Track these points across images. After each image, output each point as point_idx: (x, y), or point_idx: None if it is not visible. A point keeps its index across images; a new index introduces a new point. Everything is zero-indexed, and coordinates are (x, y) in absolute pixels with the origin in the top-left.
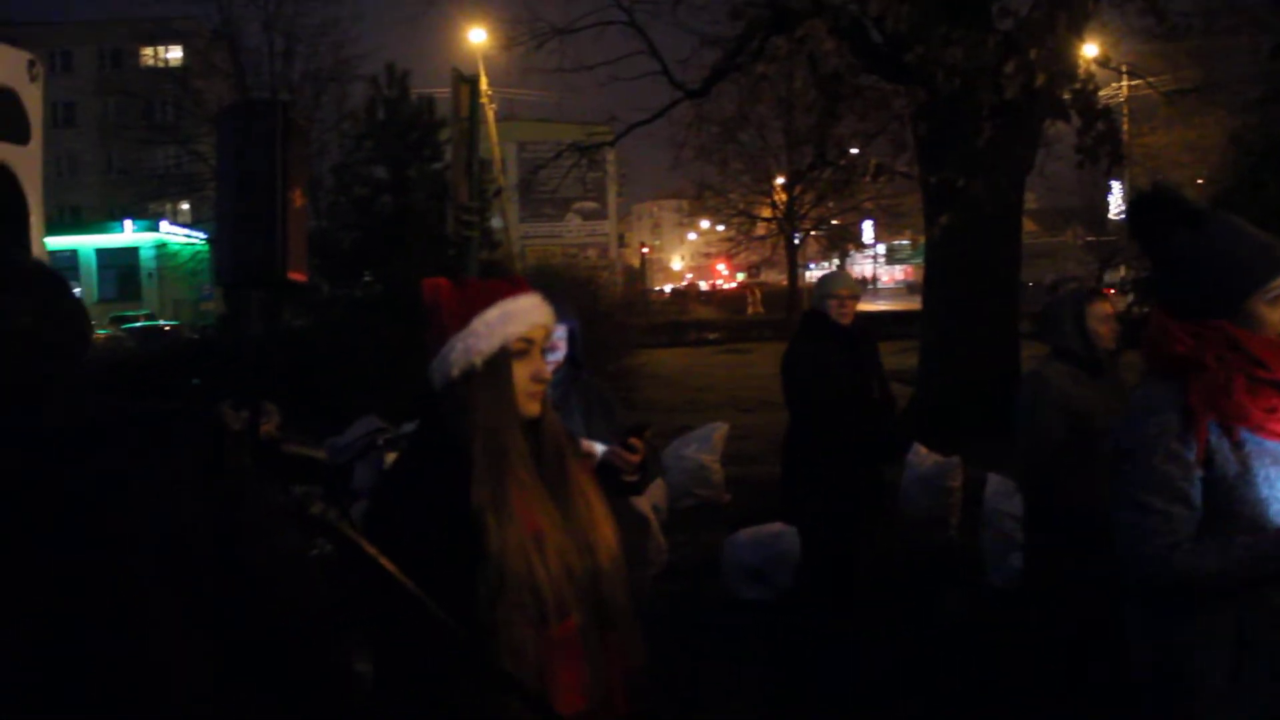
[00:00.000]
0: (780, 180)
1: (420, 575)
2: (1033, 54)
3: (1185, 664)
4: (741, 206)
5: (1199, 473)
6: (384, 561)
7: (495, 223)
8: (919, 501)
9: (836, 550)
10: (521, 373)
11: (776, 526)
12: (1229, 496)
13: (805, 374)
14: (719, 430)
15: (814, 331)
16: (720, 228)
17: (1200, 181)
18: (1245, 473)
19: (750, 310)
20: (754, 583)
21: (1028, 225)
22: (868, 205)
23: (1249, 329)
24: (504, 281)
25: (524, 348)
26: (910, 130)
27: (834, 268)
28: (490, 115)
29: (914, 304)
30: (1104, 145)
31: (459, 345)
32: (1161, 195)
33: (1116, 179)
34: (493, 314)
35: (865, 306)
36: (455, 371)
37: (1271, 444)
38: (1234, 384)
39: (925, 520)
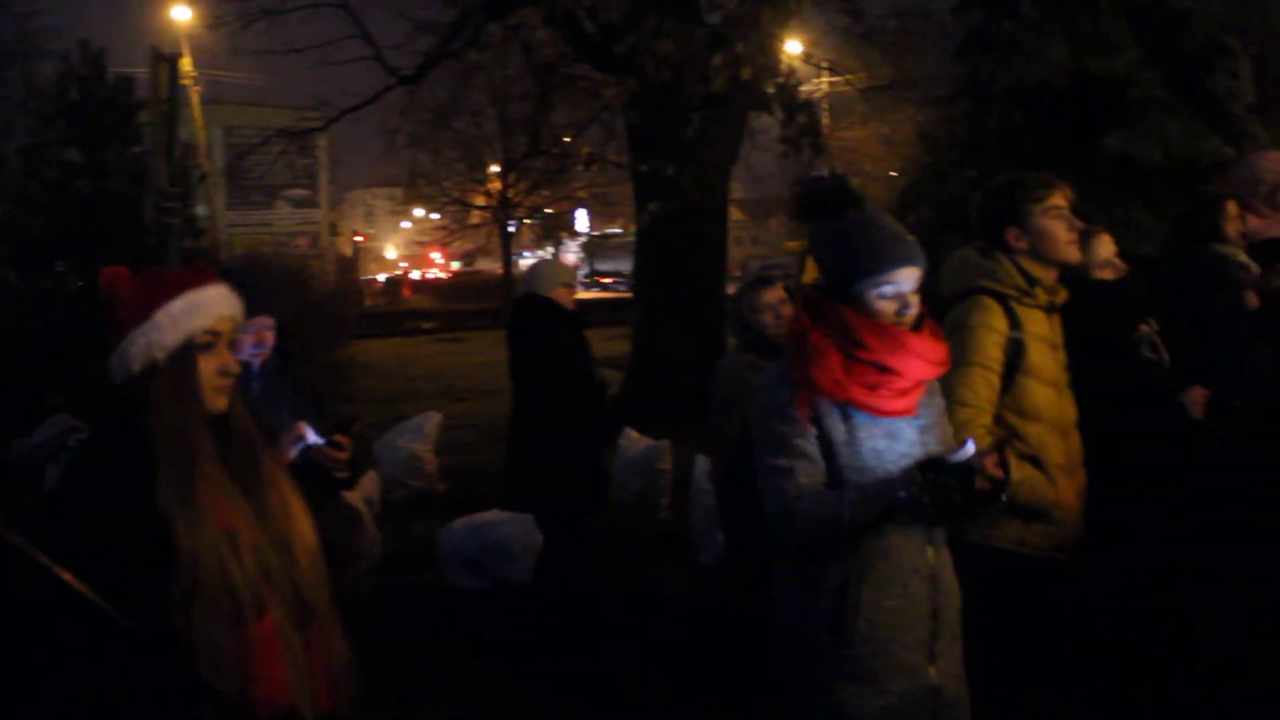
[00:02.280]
0: (495, 168)
1: (106, 582)
2: (739, 48)
3: (797, 617)
4: (456, 194)
5: (813, 432)
6: (58, 570)
7: (200, 210)
8: (629, 485)
9: (570, 537)
10: (208, 367)
11: (492, 514)
12: (839, 462)
13: (546, 360)
14: (432, 420)
15: (547, 318)
16: (434, 216)
17: (894, 173)
18: (852, 442)
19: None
20: (470, 572)
21: (734, 214)
22: (581, 194)
23: (863, 313)
24: (189, 272)
25: (210, 340)
26: (621, 120)
27: (548, 255)
28: (194, 97)
29: (626, 292)
30: (805, 137)
31: (140, 339)
32: (827, 182)
33: (814, 171)
34: (177, 306)
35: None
36: (136, 366)
37: (884, 419)
38: (828, 360)
39: (637, 503)
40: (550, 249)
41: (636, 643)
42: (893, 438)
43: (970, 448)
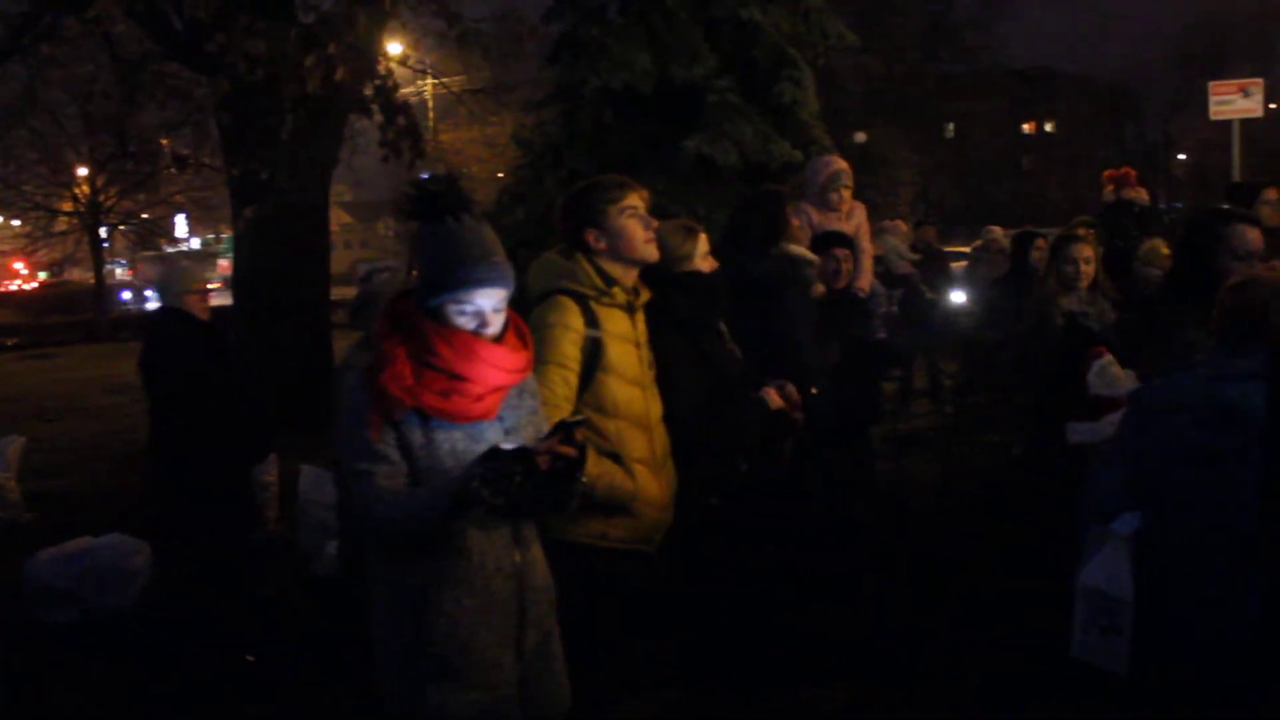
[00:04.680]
0: (82, 171)
1: None
2: (332, 49)
3: (386, 616)
4: (38, 199)
5: (391, 435)
6: None
7: None
8: None
9: (211, 558)
10: None
11: (84, 541)
12: (418, 465)
13: (183, 377)
14: (13, 444)
15: (180, 329)
16: (15, 223)
17: (500, 175)
18: (430, 445)
19: None
20: (62, 605)
21: (342, 217)
22: (178, 198)
23: (441, 323)
24: None
25: None
26: (214, 121)
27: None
28: None
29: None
30: (405, 140)
31: None
32: (437, 184)
33: (422, 173)
34: None
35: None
36: None
37: (464, 423)
38: (399, 367)
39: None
40: (146, 257)
41: (255, 657)
42: (474, 439)
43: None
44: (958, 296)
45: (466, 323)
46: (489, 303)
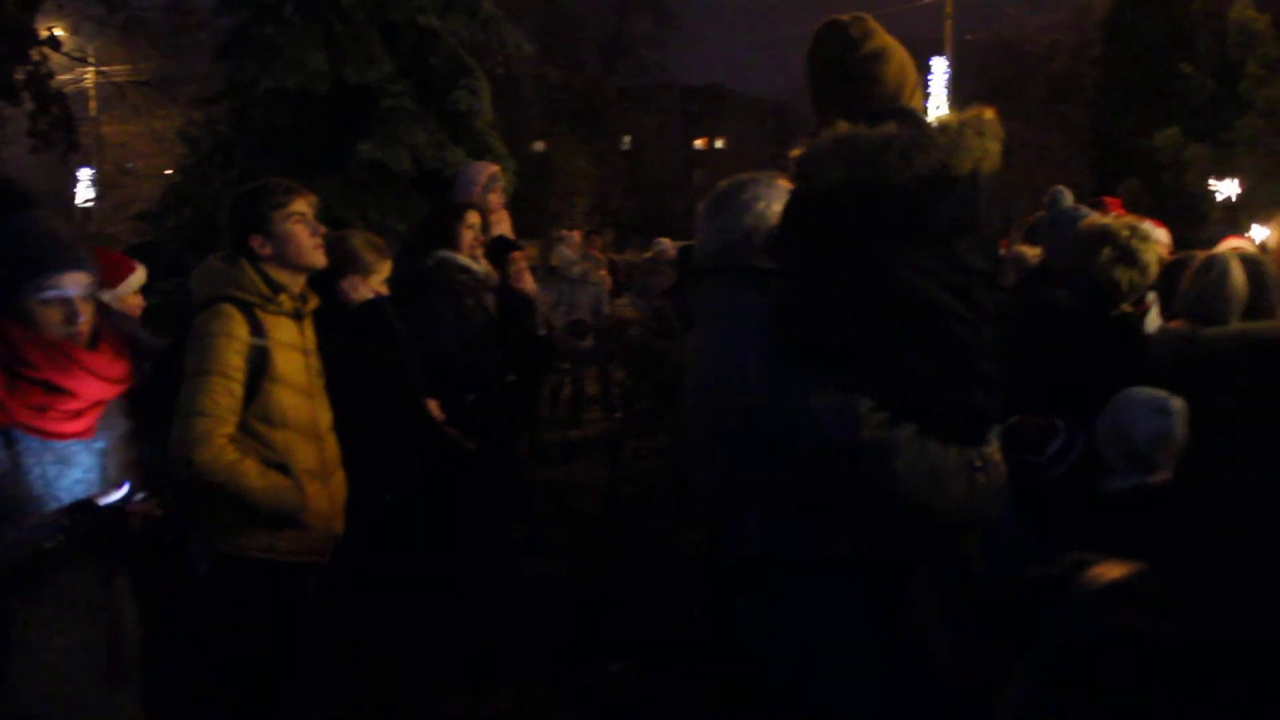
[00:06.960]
0: None
1: None
2: None
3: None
4: None
5: None
6: None
7: None
8: None
9: None
10: None
11: None
12: (4, 493)
13: None
14: None
15: None
16: None
17: (169, 171)
18: (18, 470)
19: None
20: None
21: None
22: None
23: (30, 326)
24: None
25: None
26: None
27: None
28: None
29: None
30: (58, 131)
31: None
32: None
33: (82, 166)
34: None
35: None
36: None
37: (56, 443)
38: None
39: None
40: None
41: None
42: (65, 463)
43: (124, 489)
44: (628, 305)
45: (53, 314)
46: (75, 289)
